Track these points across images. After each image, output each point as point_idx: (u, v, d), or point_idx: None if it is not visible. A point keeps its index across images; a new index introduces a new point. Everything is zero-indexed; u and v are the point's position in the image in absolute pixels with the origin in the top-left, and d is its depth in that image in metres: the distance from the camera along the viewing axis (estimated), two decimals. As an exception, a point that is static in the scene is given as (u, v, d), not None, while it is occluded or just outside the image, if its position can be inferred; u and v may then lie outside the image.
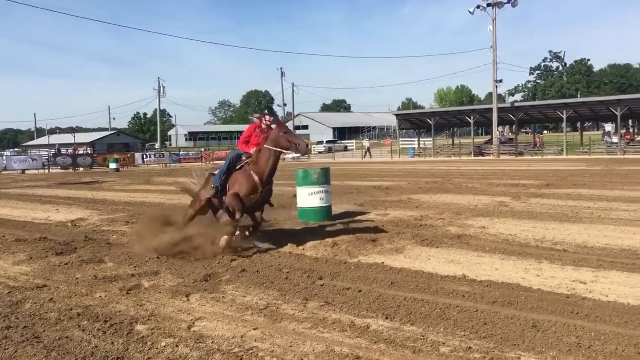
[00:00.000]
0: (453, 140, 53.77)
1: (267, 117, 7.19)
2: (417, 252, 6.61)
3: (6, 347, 3.84)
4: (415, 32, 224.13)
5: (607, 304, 4.40)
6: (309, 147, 13.39)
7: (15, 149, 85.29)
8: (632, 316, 4.08)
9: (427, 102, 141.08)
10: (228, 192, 6.79)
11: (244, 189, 6.67)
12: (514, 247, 6.69)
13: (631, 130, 47.25)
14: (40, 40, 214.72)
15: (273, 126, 6.96)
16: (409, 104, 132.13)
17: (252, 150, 7.01)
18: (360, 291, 4.97)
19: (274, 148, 6.72)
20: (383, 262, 6.08)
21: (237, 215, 6.68)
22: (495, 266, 5.74)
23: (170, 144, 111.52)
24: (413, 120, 51.65)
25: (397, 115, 53.52)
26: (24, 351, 3.76)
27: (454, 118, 50.21)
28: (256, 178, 6.70)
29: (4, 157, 41.97)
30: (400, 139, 55.22)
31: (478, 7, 40.49)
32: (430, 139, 49.86)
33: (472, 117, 44.82)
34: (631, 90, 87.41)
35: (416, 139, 54.71)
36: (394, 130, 67.39)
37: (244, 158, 7.02)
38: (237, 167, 6.95)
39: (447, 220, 8.88)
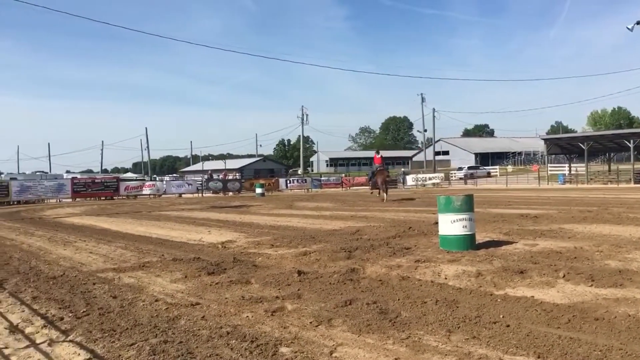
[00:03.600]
0: (610, 166, 49.76)
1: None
2: (571, 286, 6.11)
3: (163, 360, 4.11)
4: (563, 54, 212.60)
5: None
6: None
7: (174, 175, 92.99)
8: None
9: (579, 125, 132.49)
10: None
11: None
12: (688, 286, 5.93)
13: None
14: (195, 73, 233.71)
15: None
16: (558, 127, 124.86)
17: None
18: (508, 326, 4.68)
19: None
20: (533, 296, 5.69)
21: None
22: (665, 307, 5.13)
23: (312, 170, 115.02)
24: (563, 145, 48.66)
25: (545, 140, 50.79)
26: (178, 365, 3.99)
27: (610, 142, 46.56)
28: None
29: (164, 182, 45.90)
30: (549, 165, 52.21)
31: (638, 23, 37.39)
32: (583, 164, 46.59)
33: (631, 141, 41.16)
34: None
35: (566, 165, 51.47)
36: (542, 155, 63.89)
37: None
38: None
39: (606, 253, 8.14)
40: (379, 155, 25.66)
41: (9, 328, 5.17)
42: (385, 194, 24.47)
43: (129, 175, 79.40)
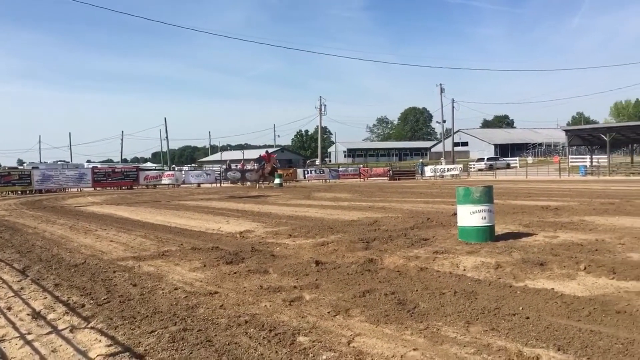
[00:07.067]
0: (632, 158, 49.07)
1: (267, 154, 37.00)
2: (592, 279, 6.04)
3: (182, 348, 4.14)
4: (586, 43, 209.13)
5: None
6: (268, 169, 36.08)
7: (192, 165, 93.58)
8: None
9: (601, 116, 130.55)
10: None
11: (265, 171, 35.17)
12: None
13: None
14: (214, 64, 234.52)
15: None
16: (580, 118, 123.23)
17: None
18: (527, 318, 4.64)
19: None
20: (553, 289, 5.64)
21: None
22: (689, 300, 5.04)
23: (330, 161, 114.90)
24: (585, 137, 48.06)
25: (566, 131, 50.23)
26: (198, 353, 4.02)
27: (633, 134, 45.89)
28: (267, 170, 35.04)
29: (183, 172, 46.20)
30: (570, 157, 51.57)
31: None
32: (605, 156, 45.96)
33: (655, 133, 40.49)
34: None
35: (588, 157, 50.85)
36: (563, 147, 63.16)
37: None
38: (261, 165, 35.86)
39: (628, 245, 8.02)
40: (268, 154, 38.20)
41: (31, 314, 5.26)
42: (259, 184, 36.03)
43: (149, 165, 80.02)
